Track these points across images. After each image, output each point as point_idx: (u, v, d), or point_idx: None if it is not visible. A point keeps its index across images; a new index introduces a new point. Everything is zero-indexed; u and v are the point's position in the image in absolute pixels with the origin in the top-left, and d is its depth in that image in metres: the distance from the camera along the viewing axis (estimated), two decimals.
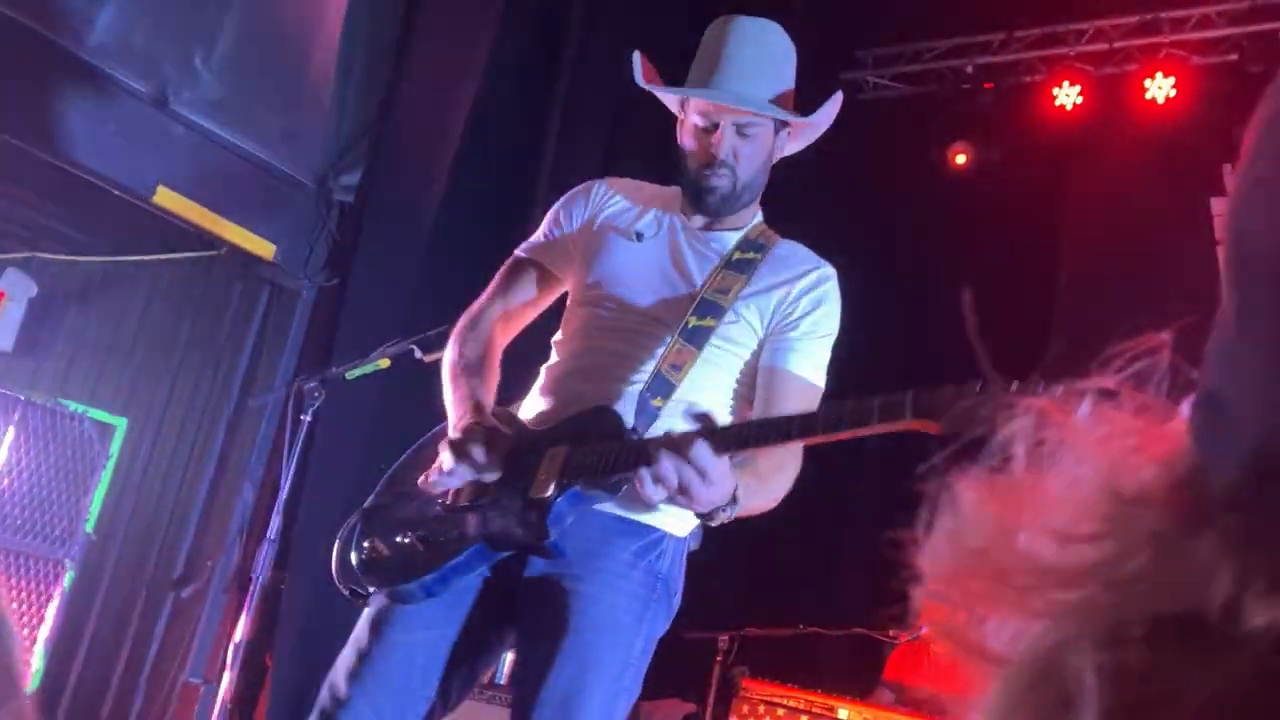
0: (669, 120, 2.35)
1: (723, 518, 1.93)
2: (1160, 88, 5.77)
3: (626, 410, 2.08)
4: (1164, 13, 5.81)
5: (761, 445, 1.89)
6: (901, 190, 6.10)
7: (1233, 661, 0.32)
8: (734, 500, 1.89)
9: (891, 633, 4.97)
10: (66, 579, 4.33)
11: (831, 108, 2.28)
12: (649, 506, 2.06)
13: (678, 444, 1.82)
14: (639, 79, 2.27)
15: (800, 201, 2.40)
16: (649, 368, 2.13)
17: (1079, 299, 5.92)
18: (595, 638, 2.01)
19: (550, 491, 1.99)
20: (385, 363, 3.29)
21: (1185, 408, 0.39)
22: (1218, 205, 5.74)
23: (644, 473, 1.83)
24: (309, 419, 3.33)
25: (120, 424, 4.56)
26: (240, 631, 3.20)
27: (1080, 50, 6.07)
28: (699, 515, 1.94)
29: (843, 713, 4.25)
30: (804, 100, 2.29)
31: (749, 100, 2.17)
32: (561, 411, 2.14)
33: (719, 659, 4.55)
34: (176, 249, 4.94)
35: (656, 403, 2.09)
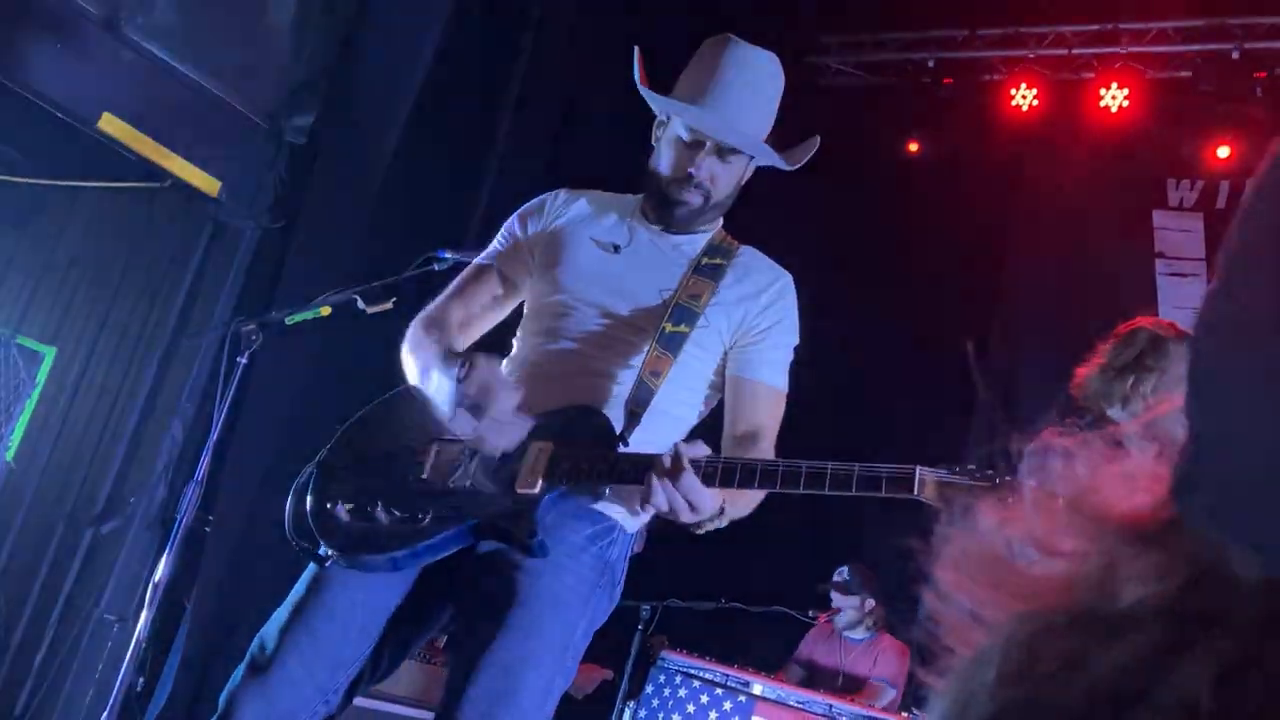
0: (629, 85, 2.33)
1: (709, 527, 1.99)
2: (1114, 97, 5.87)
3: (614, 416, 2.10)
4: (1123, 24, 5.90)
5: (768, 487, 1.91)
6: (854, 177, 6.14)
7: (1129, 638, 0.36)
8: (720, 512, 1.96)
9: (811, 612, 5.07)
10: None
11: (808, 153, 2.31)
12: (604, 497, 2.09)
13: (670, 473, 1.87)
14: (639, 84, 2.26)
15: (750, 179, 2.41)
16: (631, 375, 2.16)
17: (1020, 295, 6.02)
18: (541, 612, 2.01)
19: (539, 489, 1.99)
20: (326, 311, 3.24)
21: None
22: (1159, 218, 5.86)
23: (640, 492, 1.90)
24: (245, 361, 3.28)
25: (49, 353, 4.46)
26: (160, 571, 3.15)
27: (1040, 54, 6.14)
28: (686, 525, 1.98)
29: (757, 687, 4.31)
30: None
31: (746, 137, 2.19)
32: (540, 405, 2.12)
33: (640, 627, 4.59)
34: (118, 178, 4.83)
35: (638, 409, 2.12)
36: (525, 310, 2.36)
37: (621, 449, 2.05)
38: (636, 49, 2.29)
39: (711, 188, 2.22)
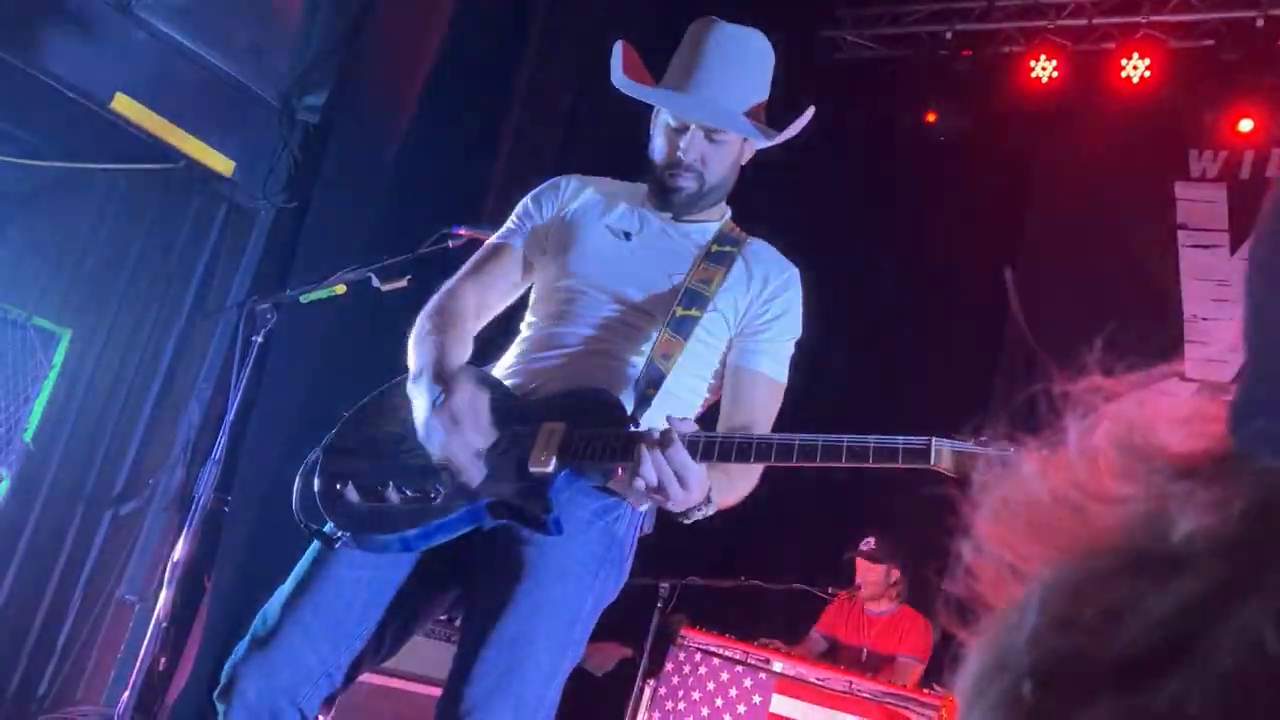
0: (643, 60, 2.32)
1: (697, 516, 1.98)
2: (1136, 68, 5.78)
3: (625, 398, 2.10)
4: None
5: (783, 462, 1.88)
6: (871, 151, 6.09)
7: (1184, 578, 0.34)
8: (708, 500, 1.96)
9: (830, 589, 5.05)
10: (2, 488, 4.26)
11: (801, 123, 2.27)
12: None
13: (661, 444, 1.86)
14: (616, 76, 2.24)
15: (766, 153, 2.38)
16: (642, 357, 2.16)
17: (1040, 268, 5.96)
18: (549, 585, 2.00)
19: (552, 467, 1.99)
20: (341, 289, 3.23)
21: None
22: (1181, 189, 5.79)
23: (630, 467, 1.89)
24: (260, 340, 3.27)
25: (65, 334, 4.47)
26: (179, 551, 3.16)
27: (1059, 24, 6.06)
28: (674, 514, 1.98)
29: (777, 665, 4.30)
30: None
31: (721, 113, 2.17)
32: (552, 388, 2.13)
33: (659, 606, 4.58)
34: (132, 159, 4.82)
35: (649, 392, 2.12)
36: (534, 294, 2.36)
37: (632, 430, 2.04)
38: (620, 44, 2.27)
39: (703, 170, 2.21)
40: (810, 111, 2.27)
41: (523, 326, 2.33)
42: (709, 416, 2.24)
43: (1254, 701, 0.31)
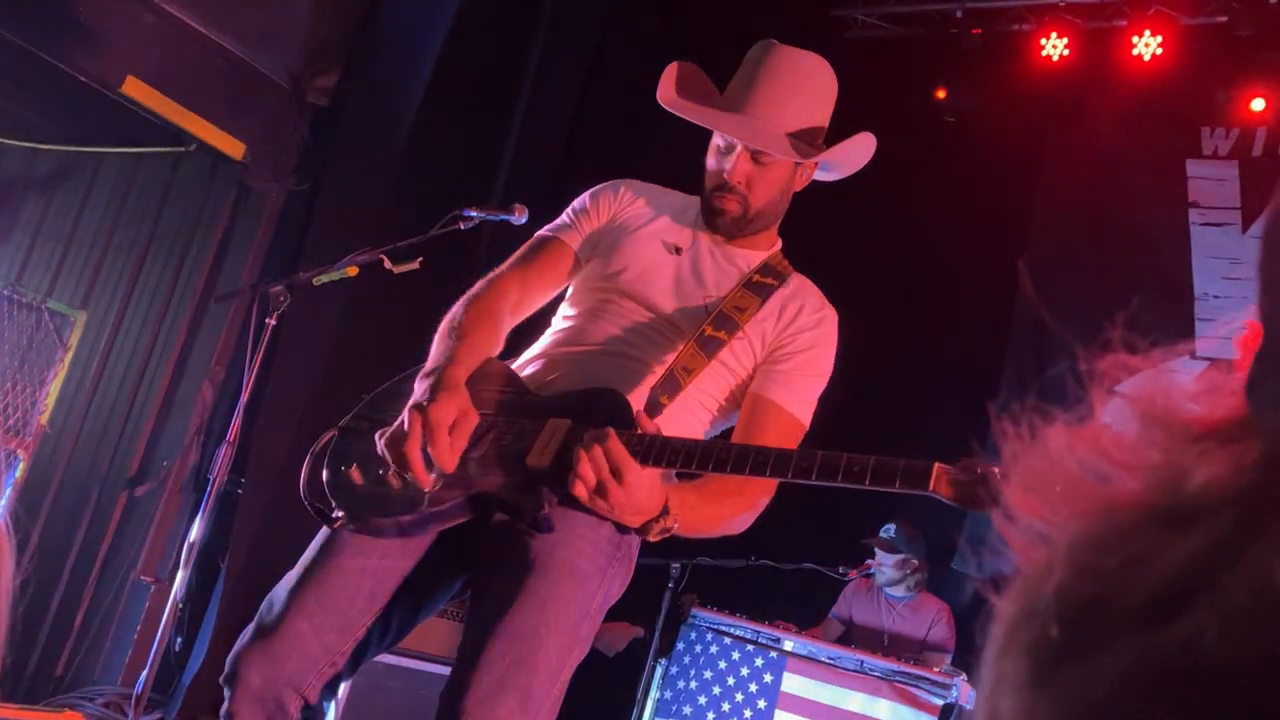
0: (650, 51, 2.31)
1: (655, 529, 1.93)
2: (1147, 45, 5.74)
3: (636, 402, 2.08)
4: None
5: (746, 473, 1.84)
6: (881, 132, 6.06)
7: (1200, 527, 0.36)
8: (665, 512, 1.91)
9: (841, 569, 5.06)
10: (19, 469, 4.30)
11: (854, 148, 2.25)
12: None
13: (598, 439, 1.82)
14: (663, 94, 2.23)
15: None
16: (664, 366, 2.16)
17: (1052, 247, 5.94)
18: (558, 579, 1.99)
19: (548, 463, 1.96)
20: (353, 271, 3.23)
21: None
22: (1193, 167, 5.76)
23: (570, 468, 1.84)
24: (273, 323, 3.28)
25: (79, 317, 4.49)
26: (195, 532, 3.18)
27: (1070, 2, 6.02)
28: (634, 528, 1.95)
29: (788, 643, 4.32)
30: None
31: (760, 133, 2.15)
32: (567, 384, 2.12)
33: (670, 585, 4.60)
34: (144, 143, 4.84)
35: (664, 400, 2.11)
36: (573, 289, 2.35)
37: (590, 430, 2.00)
38: (673, 64, 2.25)
39: (747, 193, 2.20)
40: (867, 141, 2.25)
41: (556, 318, 2.34)
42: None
43: (1262, 632, 0.33)
